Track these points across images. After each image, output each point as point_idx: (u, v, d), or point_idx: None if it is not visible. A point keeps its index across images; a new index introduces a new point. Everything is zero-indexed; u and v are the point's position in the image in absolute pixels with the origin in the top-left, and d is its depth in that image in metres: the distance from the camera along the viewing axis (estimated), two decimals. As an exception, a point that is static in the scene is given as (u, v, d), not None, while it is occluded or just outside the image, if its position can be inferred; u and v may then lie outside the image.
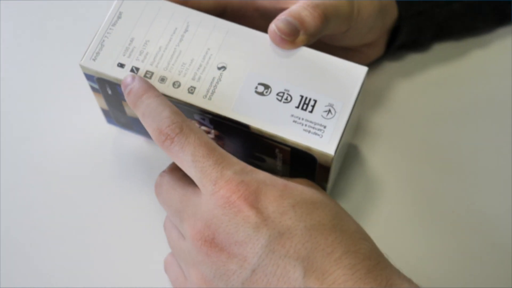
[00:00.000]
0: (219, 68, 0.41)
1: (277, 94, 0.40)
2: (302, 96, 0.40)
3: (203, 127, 0.42)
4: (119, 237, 0.47)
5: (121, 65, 0.41)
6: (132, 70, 0.41)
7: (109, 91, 0.43)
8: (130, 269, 0.46)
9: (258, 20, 0.46)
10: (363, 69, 0.41)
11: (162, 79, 0.41)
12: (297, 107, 0.40)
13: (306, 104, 0.40)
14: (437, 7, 0.50)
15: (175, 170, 0.41)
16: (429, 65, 0.53)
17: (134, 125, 0.47)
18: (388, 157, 0.49)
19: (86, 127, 0.50)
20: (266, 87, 0.40)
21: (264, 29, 0.42)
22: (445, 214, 0.47)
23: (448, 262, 0.45)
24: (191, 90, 0.40)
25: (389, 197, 0.47)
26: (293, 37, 0.41)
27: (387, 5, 0.48)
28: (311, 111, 0.40)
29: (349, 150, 0.49)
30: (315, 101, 0.40)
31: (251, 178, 0.36)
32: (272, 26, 0.41)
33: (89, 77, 0.42)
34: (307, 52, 0.41)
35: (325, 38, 0.47)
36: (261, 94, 0.40)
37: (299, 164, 0.41)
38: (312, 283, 0.33)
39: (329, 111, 0.40)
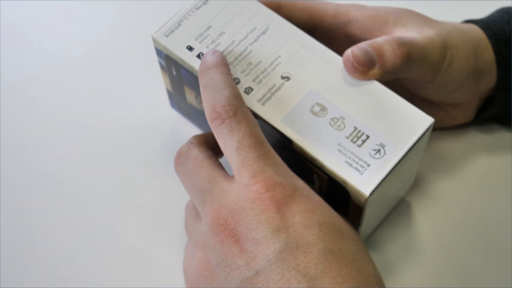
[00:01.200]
0: (282, 77, 0.40)
1: (331, 119, 0.38)
2: (355, 128, 0.38)
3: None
4: (162, 222, 0.46)
5: (190, 48, 0.41)
6: (198, 56, 0.40)
7: (173, 71, 0.43)
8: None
9: (347, 47, 0.45)
10: (429, 120, 0.38)
11: (224, 72, 0.40)
12: (347, 137, 0.38)
13: (357, 137, 0.38)
14: (540, 87, 0.46)
15: (204, 146, 0.39)
16: (519, 148, 0.49)
17: (192, 115, 0.47)
18: (438, 225, 0.45)
19: (149, 106, 0.51)
20: (323, 108, 0.39)
21: None
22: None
23: None
24: (248, 90, 0.39)
25: (424, 264, 0.43)
26: (366, 68, 0.39)
27: (484, 69, 0.45)
28: (360, 145, 0.37)
29: (399, 205, 0.46)
30: (368, 136, 0.38)
31: (290, 183, 0.34)
32: (348, 51, 0.40)
33: (159, 52, 0.42)
34: (376, 87, 0.39)
35: (408, 84, 0.45)
36: (316, 114, 0.38)
37: (334, 197, 0.39)
38: None
39: (379, 150, 0.37)
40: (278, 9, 0.44)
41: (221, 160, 0.40)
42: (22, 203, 0.47)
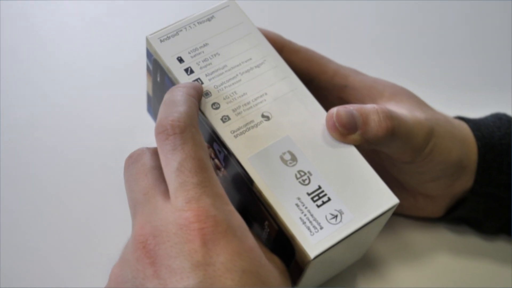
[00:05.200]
0: (263, 116, 0.39)
1: (298, 171, 0.37)
2: (319, 187, 0.37)
3: (216, 160, 0.40)
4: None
5: (181, 60, 0.40)
6: (186, 70, 0.39)
7: (158, 77, 0.41)
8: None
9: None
10: (393, 200, 0.37)
11: (207, 94, 0.39)
12: (309, 194, 0.36)
13: (319, 196, 0.36)
14: (516, 199, 0.45)
15: (157, 155, 0.37)
16: (485, 257, 0.47)
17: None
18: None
19: (126, 104, 0.49)
20: (293, 158, 0.37)
21: None
22: None
23: None
24: (225, 118, 0.38)
25: None
26: (347, 131, 0.38)
27: (466, 168, 0.44)
28: (319, 206, 0.36)
29: (344, 273, 0.44)
30: (329, 199, 0.36)
31: (225, 218, 0.32)
32: (334, 109, 0.39)
33: (149, 54, 0.41)
34: (352, 152, 0.38)
35: (385, 161, 0.44)
36: (285, 162, 0.37)
37: (280, 249, 0.37)
38: None
39: (336, 216, 0.36)
40: (280, 50, 0.43)
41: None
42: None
